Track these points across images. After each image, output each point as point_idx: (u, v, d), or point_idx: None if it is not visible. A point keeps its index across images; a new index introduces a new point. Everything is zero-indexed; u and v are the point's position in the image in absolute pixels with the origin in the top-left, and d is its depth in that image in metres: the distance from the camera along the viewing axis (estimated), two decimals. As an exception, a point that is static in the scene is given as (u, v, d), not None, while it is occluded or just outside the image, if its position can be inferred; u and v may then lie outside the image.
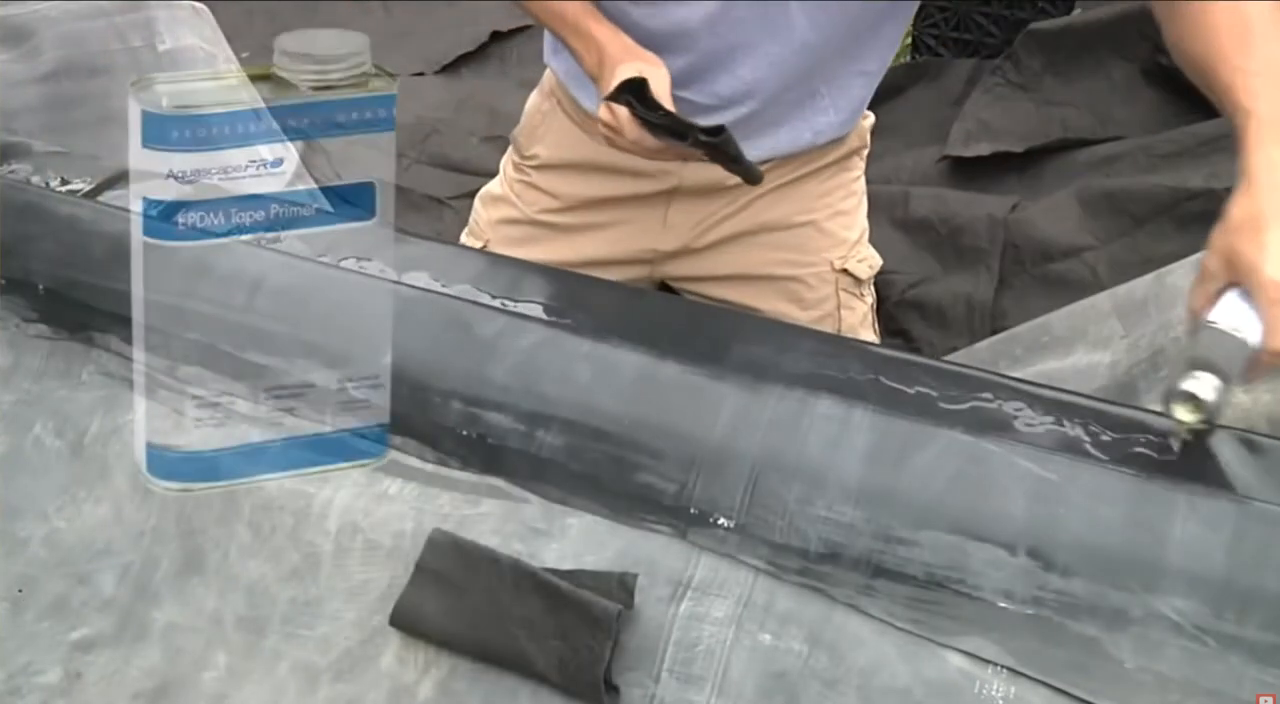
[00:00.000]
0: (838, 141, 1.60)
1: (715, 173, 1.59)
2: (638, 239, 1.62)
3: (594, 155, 1.59)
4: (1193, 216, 2.32)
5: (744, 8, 1.41)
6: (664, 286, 1.69)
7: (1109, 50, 2.77)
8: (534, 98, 1.69)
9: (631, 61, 1.37)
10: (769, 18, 1.41)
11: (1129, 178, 2.51)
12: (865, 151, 1.67)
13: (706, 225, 1.60)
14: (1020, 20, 2.92)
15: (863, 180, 1.69)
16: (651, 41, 1.42)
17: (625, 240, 1.62)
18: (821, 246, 1.64)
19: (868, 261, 1.69)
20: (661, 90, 1.35)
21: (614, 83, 1.34)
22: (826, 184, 1.61)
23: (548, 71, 1.67)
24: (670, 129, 1.34)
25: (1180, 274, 1.44)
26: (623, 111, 1.34)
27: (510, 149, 1.71)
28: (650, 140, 1.34)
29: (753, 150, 1.43)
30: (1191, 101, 2.66)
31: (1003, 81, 2.83)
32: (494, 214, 1.70)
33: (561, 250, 1.57)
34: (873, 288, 1.73)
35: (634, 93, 1.34)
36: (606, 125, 1.36)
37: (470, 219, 1.76)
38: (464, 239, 1.75)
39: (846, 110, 1.55)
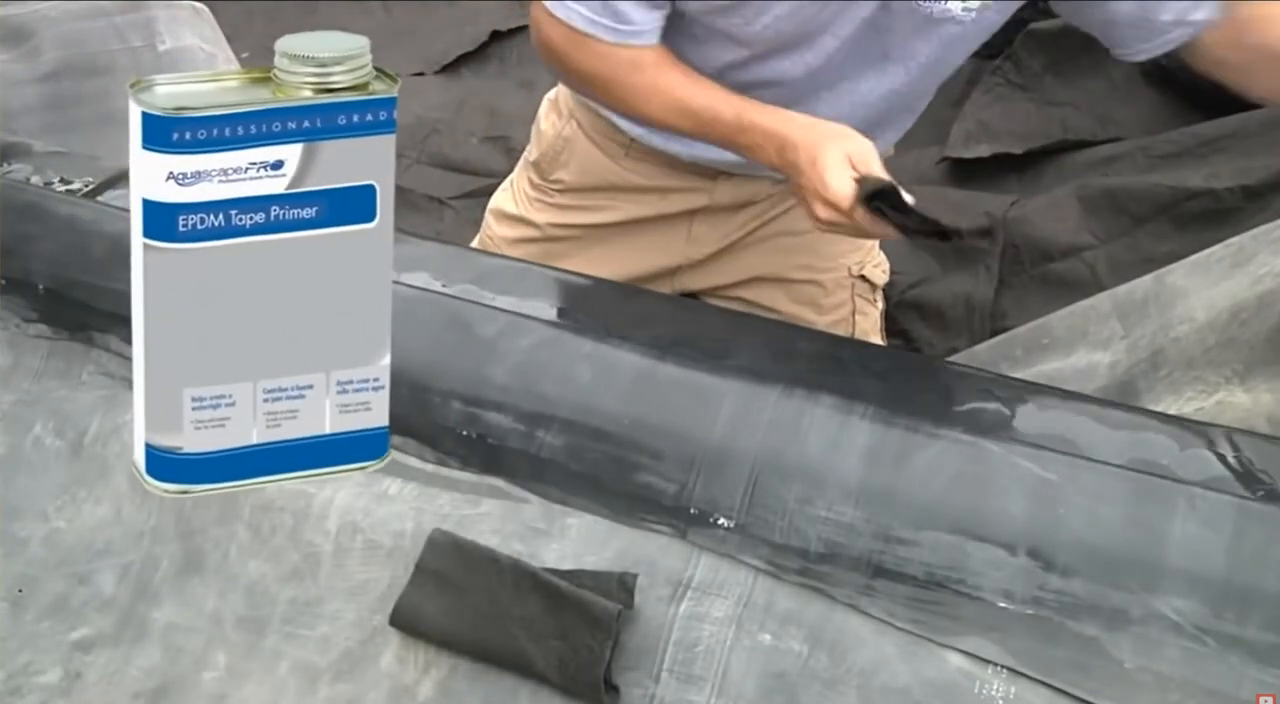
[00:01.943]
0: None
1: (746, 190, 1.56)
2: (662, 255, 1.60)
3: (620, 178, 1.57)
4: (1193, 216, 2.32)
5: (844, 56, 1.35)
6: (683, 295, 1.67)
7: (1109, 50, 2.77)
8: (550, 119, 1.63)
9: (832, 142, 1.23)
10: (870, 65, 1.37)
11: (1129, 178, 2.51)
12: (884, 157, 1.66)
13: (731, 239, 1.59)
14: (1020, 20, 2.91)
15: None
16: (744, 88, 1.35)
17: (650, 258, 1.60)
18: (839, 251, 1.63)
19: (881, 267, 1.69)
20: (866, 158, 1.23)
21: (830, 173, 1.21)
22: None
23: (563, 92, 1.61)
24: (930, 231, 1.22)
25: (1180, 274, 1.44)
26: (859, 210, 1.20)
27: (524, 168, 1.68)
28: (885, 229, 1.22)
29: None
30: (1191, 101, 2.66)
31: (1003, 81, 2.83)
32: (510, 233, 1.67)
33: (585, 269, 1.56)
34: (883, 294, 1.72)
35: (884, 199, 1.19)
36: (829, 222, 1.24)
37: (481, 232, 1.73)
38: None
39: (890, 140, 1.54)
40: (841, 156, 1.22)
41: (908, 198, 1.20)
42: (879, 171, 1.23)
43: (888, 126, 1.48)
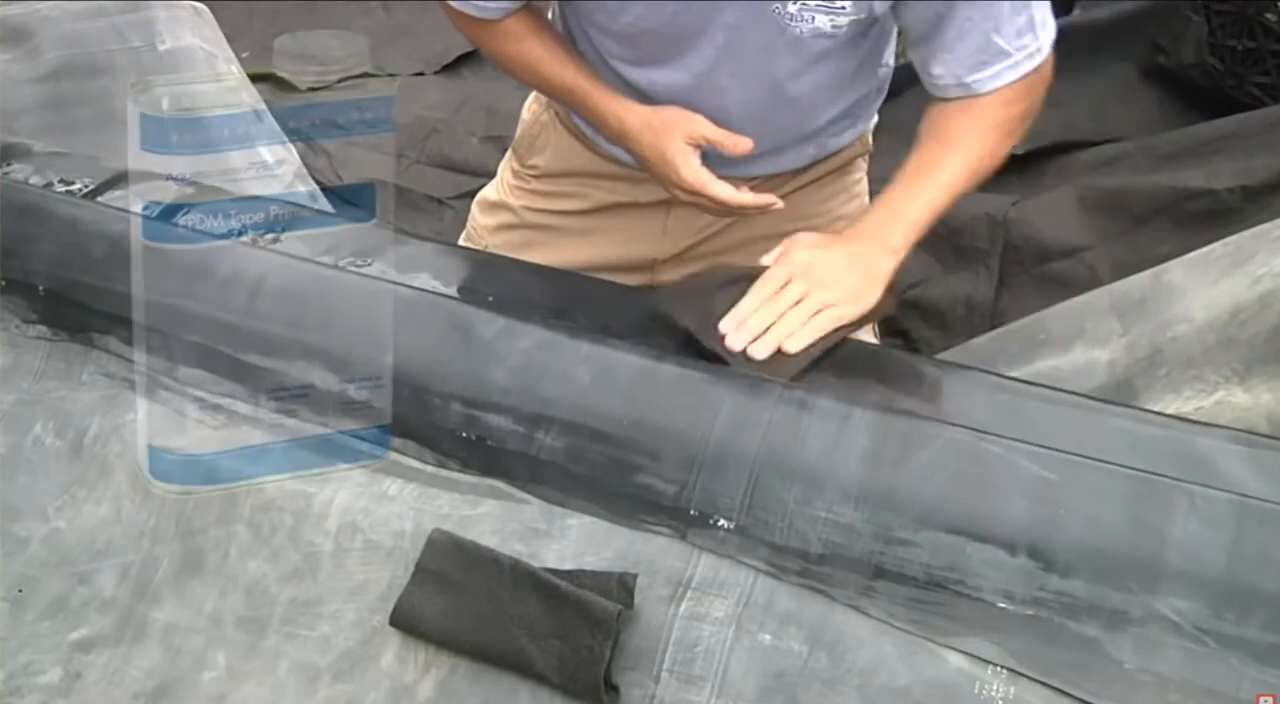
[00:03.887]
0: (841, 150, 1.59)
1: None
2: (637, 246, 1.61)
3: (593, 165, 1.58)
4: (1193, 216, 2.31)
5: (725, 63, 1.37)
6: None
7: (1109, 50, 2.76)
8: (531, 107, 1.68)
9: (672, 134, 1.35)
10: (752, 75, 1.39)
11: (1129, 178, 2.51)
12: (868, 156, 1.66)
13: (707, 234, 1.59)
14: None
15: (864, 182, 1.68)
16: (642, 88, 1.42)
17: (625, 247, 1.61)
18: None
19: None
20: (706, 130, 1.35)
21: (682, 166, 1.34)
22: (827, 189, 1.60)
23: None
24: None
25: (1178, 272, 1.44)
26: (717, 186, 1.34)
27: (508, 156, 1.71)
28: (744, 201, 1.36)
29: (755, 169, 1.41)
30: (1191, 101, 2.66)
31: (1003, 81, 2.83)
32: (491, 220, 1.69)
33: (561, 256, 1.57)
34: None
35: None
36: (689, 203, 1.37)
37: (467, 225, 1.75)
38: (461, 244, 1.74)
39: (847, 119, 1.54)
40: (683, 146, 1.34)
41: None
42: (714, 135, 1.34)
43: (829, 109, 1.51)
